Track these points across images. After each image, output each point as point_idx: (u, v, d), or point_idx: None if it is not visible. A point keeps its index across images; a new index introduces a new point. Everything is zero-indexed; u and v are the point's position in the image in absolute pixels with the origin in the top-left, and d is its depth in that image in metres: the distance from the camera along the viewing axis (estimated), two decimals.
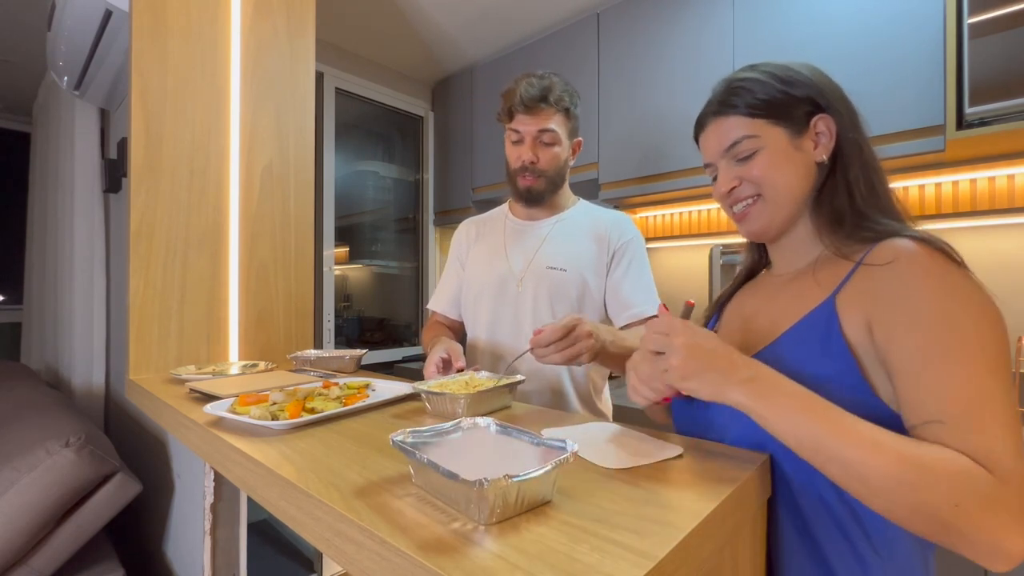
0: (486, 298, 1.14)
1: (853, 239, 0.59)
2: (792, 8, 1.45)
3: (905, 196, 1.47)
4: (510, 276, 1.11)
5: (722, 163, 0.65)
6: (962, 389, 0.46)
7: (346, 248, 2.52)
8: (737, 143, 0.62)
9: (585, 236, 1.11)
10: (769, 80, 0.62)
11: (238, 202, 1.35)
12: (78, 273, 1.85)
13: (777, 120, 0.61)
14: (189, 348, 1.26)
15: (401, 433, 0.51)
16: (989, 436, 0.44)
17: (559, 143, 1.07)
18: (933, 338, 0.48)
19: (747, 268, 0.77)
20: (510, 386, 0.82)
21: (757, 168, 0.62)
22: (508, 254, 1.14)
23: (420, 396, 0.82)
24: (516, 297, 1.10)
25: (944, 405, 0.46)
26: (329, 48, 2.28)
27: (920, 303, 0.50)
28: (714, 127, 0.65)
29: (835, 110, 0.61)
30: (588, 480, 0.50)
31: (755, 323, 0.67)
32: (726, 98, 0.64)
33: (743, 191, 0.64)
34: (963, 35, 1.13)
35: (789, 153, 0.61)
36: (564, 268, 1.08)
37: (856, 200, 0.60)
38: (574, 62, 1.99)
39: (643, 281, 1.09)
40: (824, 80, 0.64)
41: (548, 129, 1.05)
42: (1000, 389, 0.46)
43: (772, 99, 0.61)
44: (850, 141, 0.61)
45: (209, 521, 1.02)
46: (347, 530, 0.43)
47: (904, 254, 0.53)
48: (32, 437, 1.17)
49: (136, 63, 1.18)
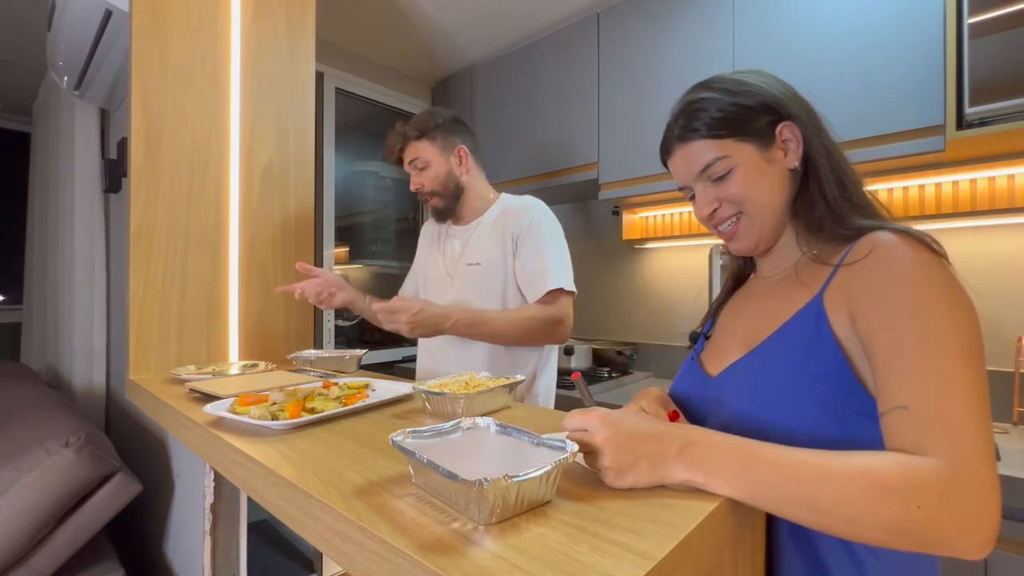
0: (430, 291, 1.36)
1: (834, 241, 0.60)
2: (792, 8, 1.45)
3: (905, 196, 1.47)
4: (444, 273, 1.32)
5: (698, 186, 0.65)
6: (930, 376, 0.46)
7: (346, 248, 2.52)
8: (709, 166, 0.62)
9: (495, 233, 1.27)
10: (723, 96, 0.62)
11: (238, 202, 1.35)
12: (78, 273, 1.85)
13: (743, 136, 0.61)
14: (189, 348, 1.26)
15: (401, 433, 0.51)
16: (950, 422, 0.44)
17: (428, 166, 1.26)
18: (906, 325, 0.48)
19: (733, 276, 0.78)
20: (509, 386, 0.83)
21: (735, 186, 0.62)
22: (443, 255, 1.36)
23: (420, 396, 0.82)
24: (450, 291, 1.29)
25: (910, 391, 0.46)
26: (329, 48, 2.28)
27: (894, 291, 0.50)
28: (681, 153, 0.65)
29: (795, 116, 0.61)
30: (588, 480, 0.50)
31: (747, 326, 0.67)
32: (687, 122, 0.64)
33: (724, 211, 0.64)
34: (963, 35, 1.13)
35: (762, 166, 0.61)
36: (479, 263, 1.25)
37: (830, 200, 0.60)
38: (574, 62, 1.99)
39: (543, 258, 1.20)
40: (780, 87, 0.64)
41: (415, 159, 1.26)
42: (969, 376, 0.45)
43: (731, 116, 0.61)
44: (815, 144, 0.61)
45: (209, 521, 1.02)
46: (347, 530, 0.43)
47: (881, 245, 0.53)
48: (32, 437, 1.17)
49: (136, 63, 1.18)
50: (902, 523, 0.41)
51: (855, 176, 0.62)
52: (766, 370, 0.59)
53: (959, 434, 0.43)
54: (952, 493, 0.41)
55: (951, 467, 0.42)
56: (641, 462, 0.47)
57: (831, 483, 0.43)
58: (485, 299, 1.23)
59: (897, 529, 0.41)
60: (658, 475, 0.47)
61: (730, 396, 0.62)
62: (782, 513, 0.45)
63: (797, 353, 0.57)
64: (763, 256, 0.70)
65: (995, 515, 0.41)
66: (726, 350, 0.68)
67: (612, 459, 0.47)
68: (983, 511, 0.41)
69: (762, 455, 0.46)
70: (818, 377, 0.54)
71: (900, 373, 0.47)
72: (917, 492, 0.41)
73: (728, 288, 0.79)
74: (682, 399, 0.70)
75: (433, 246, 1.40)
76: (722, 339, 0.71)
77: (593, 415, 0.50)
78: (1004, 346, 1.35)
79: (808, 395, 0.54)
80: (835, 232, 0.59)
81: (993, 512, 0.41)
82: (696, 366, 0.72)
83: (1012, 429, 1.28)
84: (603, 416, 0.50)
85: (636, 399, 0.66)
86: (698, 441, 0.48)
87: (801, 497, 0.43)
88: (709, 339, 0.75)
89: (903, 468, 0.42)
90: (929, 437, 0.44)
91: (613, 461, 0.47)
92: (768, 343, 0.61)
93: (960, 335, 0.46)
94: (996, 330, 1.36)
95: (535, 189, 2.16)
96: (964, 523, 0.41)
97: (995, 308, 1.36)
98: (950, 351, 0.46)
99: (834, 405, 0.53)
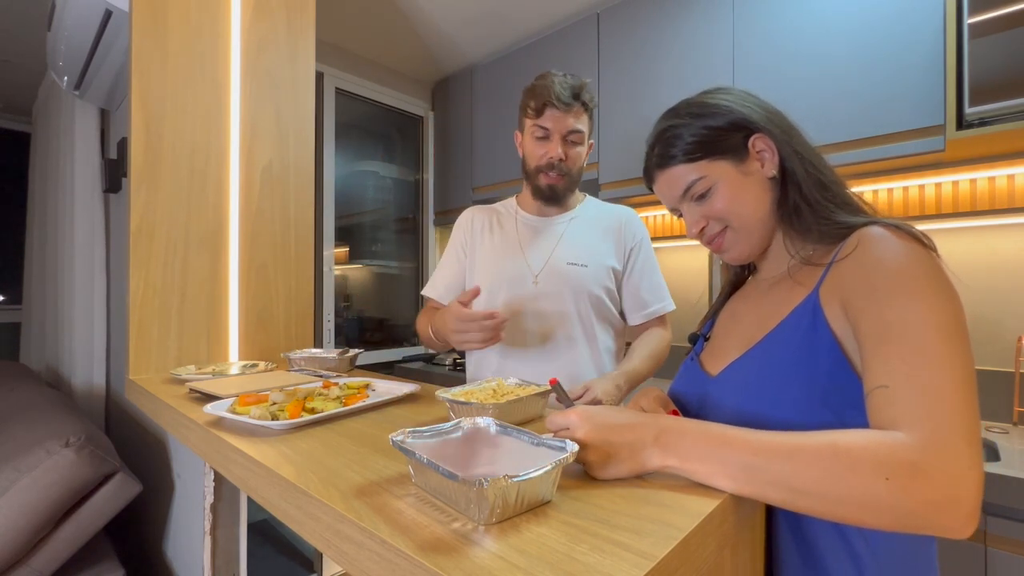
0: (502, 293, 1.12)
1: (825, 241, 0.61)
2: (792, 8, 1.45)
3: (905, 196, 1.47)
4: (527, 272, 1.11)
5: (683, 207, 0.68)
6: (909, 356, 0.46)
7: (346, 248, 2.52)
8: (690, 187, 0.65)
9: (600, 232, 1.14)
10: (693, 122, 0.65)
11: (238, 202, 1.35)
12: (78, 273, 1.85)
13: (717, 155, 0.64)
14: (189, 348, 1.26)
15: (401, 433, 0.51)
16: (927, 399, 0.44)
17: (582, 143, 1.09)
18: (890, 309, 0.49)
19: (730, 282, 0.80)
20: (542, 394, 0.75)
21: (718, 203, 0.64)
22: (524, 250, 1.14)
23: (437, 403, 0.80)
24: (534, 293, 1.09)
25: (890, 371, 0.47)
26: (329, 48, 2.28)
27: (880, 277, 0.51)
28: (663, 179, 0.68)
29: (764, 128, 0.63)
30: (588, 480, 0.50)
31: (746, 325, 0.68)
32: (663, 150, 0.67)
33: (712, 228, 0.67)
34: (963, 35, 1.13)
35: (740, 180, 0.64)
36: (585, 264, 1.09)
37: (812, 202, 0.62)
38: (574, 62, 1.99)
39: (656, 279, 1.15)
40: (746, 101, 0.66)
41: (577, 129, 1.06)
42: (949, 356, 0.45)
43: (703, 139, 0.64)
44: (788, 151, 0.63)
45: (209, 521, 1.02)
46: (347, 530, 0.43)
47: (870, 237, 0.54)
48: (32, 437, 1.17)
49: (136, 63, 1.18)
50: (873, 496, 0.41)
51: (834, 176, 0.64)
52: (765, 367, 0.60)
53: (934, 410, 0.43)
54: (923, 465, 0.40)
55: (922, 440, 0.42)
56: (621, 451, 0.49)
57: (800, 459, 0.43)
58: (566, 303, 1.08)
59: (870, 503, 0.41)
60: (638, 463, 0.49)
61: (730, 394, 0.63)
62: (762, 496, 0.45)
63: (795, 349, 0.57)
64: (762, 258, 0.71)
65: (973, 490, 0.40)
66: (726, 350, 0.68)
67: (594, 454, 0.49)
68: (958, 485, 0.40)
69: (735, 436, 0.47)
70: (816, 371, 0.54)
71: (882, 354, 0.48)
72: (885, 464, 0.41)
73: (727, 290, 0.80)
74: (682, 399, 0.70)
75: (501, 237, 1.17)
76: (721, 339, 0.72)
77: (572, 412, 0.52)
78: (1004, 346, 1.35)
79: (807, 390, 0.55)
80: (823, 232, 0.61)
81: (970, 487, 0.40)
82: (696, 366, 0.72)
83: (1012, 429, 1.28)
84: (582, 412, 0.52)
85: (636, 399, 0.66)
86: (671, 428, 0.49)
87: (774, 475, 0.44)
88: (708, 340, 0.76)
89: (872, 441, 0.43)
90: (905, 413, 0.44)
91: (595, 454, 0.49)
92: (766, 340, 0.61)
93: (943, 320, 0.47)
94: (996, 330, 1.36)
95: None
96: (937, 496, 0.40)
97: (995, 308, 1.36)
98: (932, 333, 0.46)
99: (832, 398, 0.53)
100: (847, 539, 0.54)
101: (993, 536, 1.00)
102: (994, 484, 1.00)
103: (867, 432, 0.44)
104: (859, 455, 0.42)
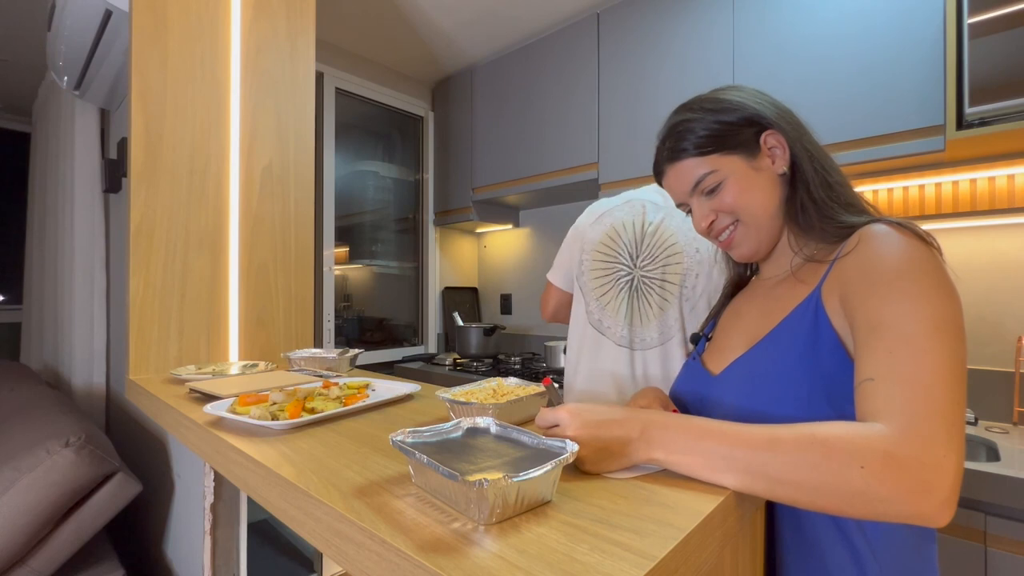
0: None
1: (827, 240, 0.61)
2: (792, 8, 1.45)
3: (905, 196, 1.47)
4: None
5: (694, 201, 0.68)
6: (896, 349, 0.46)
7: (346, 248, 2.52)
8: (700, 181, 0.65)
9: None
10: (706, 116, 0.65)
11: (238, 202, 1.35)
12: (78, 273, 1.85)
13: (729, 150, 0.64)
14: (189, 348, 1.26)
15: (401, 433, 0.51)
16: (909, 391, 0.44)
17: None
18: (883, 301, 0.49)
19: (732, 283, 0.80)
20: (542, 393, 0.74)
21: (728, 197, 0.64)
22: None
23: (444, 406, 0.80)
24: None
25: (877, 364, 0.47)
26: (329, 48, 2.28)
27: (877, 271, 0.51)
28: (673, 172, 0.68)
29: (776, 124, 0.64)
30: (588, 480, 0.50)
31: (748, 324, 0.68)
32: (674, 144, 0.67)
33: (721, 222, 0.67)
34: (963, 35, 1.13)
35: (751, 175, 0.64)
36: None
37: (818, 201, 0.62)
38: (574, 62, 1.99)
39: None
40: (759, 99, 0.66)
41: None
42: (937, 350, 0.45)
43: (715, 133, 0.64)
44: (798, 149, 0.63)
45: (209, 521, 1.02)
46: (347, 530, 0.43)
47: (871, 234, 0.54)
48: (32, 437, 1.17)
49: (136, 63, 1.18)
50: (847, 484, 0.41)
51: (841, 177, 0.64)
52: (767, 364, 0.60)
53: (914, 400, 0.43)
54: (896, 453, 0.41)
55: (898, 430, 0.42)
56: (611, 446, 0.50)
57: (779, 449, 0.44)
58: None
59: (845, 492, 0.41)
60: (626, 457, 0.50)
61: (732, 393, 0.63)
62: (745, 487, 0.45)
63: (797, 346, 0.57)
64: (764, 259, 0.71)
65: (948, 478, 0.40)
66: (728, 349, 0.69)
67: (585, 447, 0.50)
68: (933, 473, 0.40)
69: (717, 429, 0.48)
70: (818, 368, 0.55)
71: (871, 348, 0.48)
72: (859, 453, 0.41)
73: (728, 290, 0.80)
74: (684, 398, 0.70)
75: None
76: (724, 339, 0.72)
77: (561, 410, 0.52)
78: (1004, 346, 1.35)
79: (809, 386, 0.55)
80: (826, 231, 0.61)
81: (945, 475, 0.40)
82: (698, 366, 0.72)
83: (1012, 429, 1.28)
84: (570, 409, 0.52)
85: (635, 399, 0.66)
86: (656, 422, 0.50)
87: (755, 466, 0.44)
88: (710, 340, 0.76)
89: (849, 432, 0.43)
90: (886, 405, 0.44)
91: (586, 449, 0.50)
92: (769, 338, 0.61)
93: (937, 315, 0.47)
94: (996, 330, 1.36)
95: (535, 189, 2.16)
96: (911, 484, 0.40)
97: (995, 308, 1.36)
98: (921, 327, 0.46)
99: (835, 395, 0.53)
100: (847, 538, 0.54)
101: (993, 536, 1.00)
102: (994, 484, 0.99)
103: (846, 423, 0.44)
104: (835, 444, 0.42)
